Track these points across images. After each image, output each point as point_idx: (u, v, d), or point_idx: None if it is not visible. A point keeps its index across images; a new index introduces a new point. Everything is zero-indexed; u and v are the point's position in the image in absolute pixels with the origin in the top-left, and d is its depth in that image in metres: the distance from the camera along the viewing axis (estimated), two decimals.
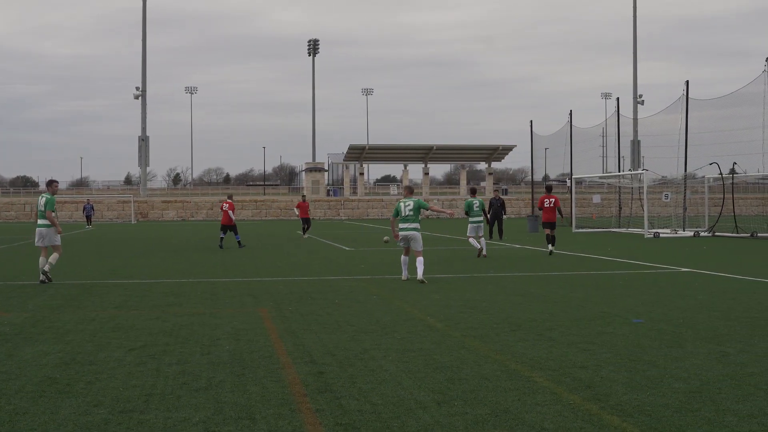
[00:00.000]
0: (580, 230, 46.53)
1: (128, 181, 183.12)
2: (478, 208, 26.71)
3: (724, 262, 24.03)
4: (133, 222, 73.36)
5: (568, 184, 55.84)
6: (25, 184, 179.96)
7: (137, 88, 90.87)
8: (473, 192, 28.54)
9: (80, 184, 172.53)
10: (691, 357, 9.72)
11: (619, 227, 48.35)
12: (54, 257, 18.77)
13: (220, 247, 31.90)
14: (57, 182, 19.97)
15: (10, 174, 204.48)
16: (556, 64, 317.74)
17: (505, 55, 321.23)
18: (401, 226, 18.54)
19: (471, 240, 26.70)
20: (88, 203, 61.64)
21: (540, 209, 28.32)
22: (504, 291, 16.42)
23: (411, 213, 18.46)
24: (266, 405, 7.55)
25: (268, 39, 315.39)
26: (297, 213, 40.55)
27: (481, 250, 25.91)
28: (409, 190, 19.67)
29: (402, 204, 18.67)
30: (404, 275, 18.61)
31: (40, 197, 19.05)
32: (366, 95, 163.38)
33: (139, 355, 9.94)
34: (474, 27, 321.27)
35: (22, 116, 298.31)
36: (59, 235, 18.99)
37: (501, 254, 27.63)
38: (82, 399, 7.82)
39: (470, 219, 26.69)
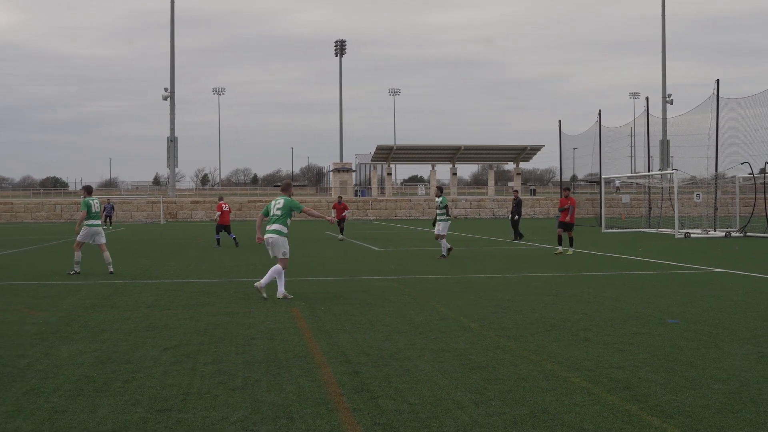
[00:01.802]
0: (610, 230, 46.30)
1: (156, 181, 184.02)
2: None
3: (757, 262, 23.82)
4: (162, 222, 73.71)
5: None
6: (54, 184, 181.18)
7: (165, 89, 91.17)
8: (441, 190, 28.05)
9: (109, 185, 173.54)
10: (729, 358, 9.63)
11: (649, 227, 48.09)
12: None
13: (218, 245, 32.93)
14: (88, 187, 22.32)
15: (40, 175, 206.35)
16: (584, 63, 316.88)
17: (532, 55, 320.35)
18: (266, 227, 16.02)
19: (445, 240, 26.23)
20: (108, 203, 61.71)
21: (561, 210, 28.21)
22: (535, 291, 16.35)
23: (278, 213, 15.85)
24: (303, 404, 7.54)
25: (295, 39, 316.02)
26: (333, 214, 39.41)
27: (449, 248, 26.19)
28: (284, 188, 16.71)
29: (273, 202, 16.20)
30: (280, 291, 15.72)
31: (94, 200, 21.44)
32: (393, 95, 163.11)
33: (174, 354, 9.97)
34: (502, 26, 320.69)
35: (51, 117, 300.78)
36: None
37: (530, 255, 27.54)
38: (119, 398, 7.85)
39: (446, 217, 26.50)
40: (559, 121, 60.49)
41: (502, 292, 16.17)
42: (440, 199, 26.35)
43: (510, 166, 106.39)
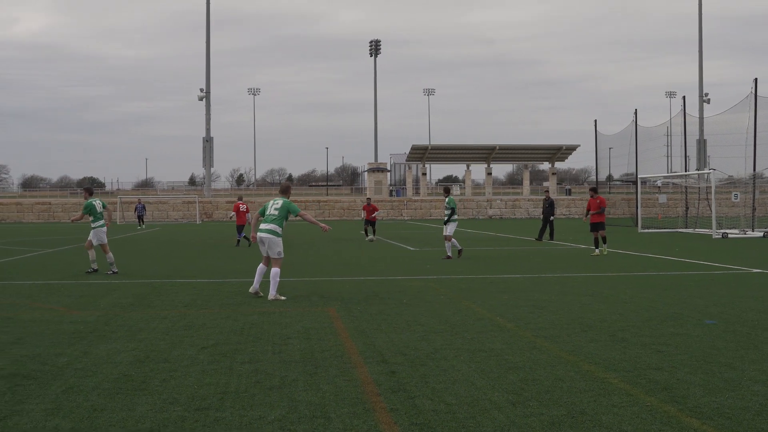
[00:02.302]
0: (646, 230, 46.00)
1: (192, 181, 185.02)
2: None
3: None
4: (197, 222, 74.10)
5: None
6: (92, 184, 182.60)
7: (201, 90, 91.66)
8: (448, 191, 27.72)
9: (145, 185, 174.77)
10: None
11: (686, 227, 47.73)
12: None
13: (238, 245, 33.66)
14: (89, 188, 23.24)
15: (77, 175, 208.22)
16: (620, 62, 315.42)
17: (568, 54, 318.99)
18: (260, 226, 16.01)
19: (449, 243, 25.87)
20: (140, 203, 61.96)
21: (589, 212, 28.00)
22: (572, 291, 16.27)
23: (275, 213, 15.88)
24: (340, 404, 7.55)
25: (330, 40, 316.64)
26: (363, 215, 39.48)
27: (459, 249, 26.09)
28: (283, 190, 16.70)
29: (270, 202, 16.26)
30: (253, 287, 16.09)
31: (96, 201, 21.88)
32: (428, 95, 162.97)
33: (211, 354, 10.02)
34: (537, 26, 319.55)
35: (87, 118, 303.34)
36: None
37: (565, 255, 27.41)
38: (157, 396, 7.90)
39: (455, 218, 26.15)
40: (595, 120, 60.63)
41: (538, 293, 16.10)
42: (447, 200, 26.13)
43: (545, 165, 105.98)
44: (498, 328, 11.77)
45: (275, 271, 15.60)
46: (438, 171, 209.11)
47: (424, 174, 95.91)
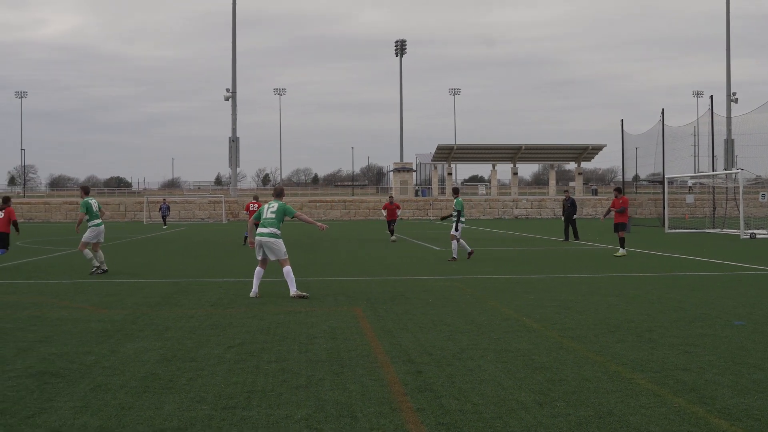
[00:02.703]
0: (673, 231, 45.77)
1: (218, 181, 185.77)
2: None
3: None
4: (224, 222, 74.35)
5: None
6: (118, 184, 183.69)
7: (227, 90, 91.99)
8: (456, 192, 27.05)
9: (172, 185, 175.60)
10: None
11: (714, 228, 47.44)
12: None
13: (245, 243, 33.08)
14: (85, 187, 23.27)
15: (104, 175, 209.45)
16: (646, 61, 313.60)
17: (594, 53, 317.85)
18: (258, 230, 16.01)
19: (456, 243, 25.19)
20: (164, 203, 61.99)
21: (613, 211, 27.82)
22: (598, 291, 16.21)
23: (272, 216, 15.89)
24: (367, 403, 7.55)
25: (355, 40, 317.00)
26: (384, 214, 38.77)
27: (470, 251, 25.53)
28: (278, 193, 16.68)
29: (266, 206, 16.21)
30: (253, 291, 15.92)
31: (93, 200, 21.93)
32: (453, 95, 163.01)
33: (238, 353, 10.04)
34: (562, 25, 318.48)
35: (114, 118, 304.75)
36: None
37: (591, 255, 27.31)
38: (185, 395, 7.93)
39: (462, 219, 25.42)
40: (621, 120, 59.97)
41: (565, 293, 16.05)
42: (455, 201, 25.73)
43: (571, 165, 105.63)
44: (524, 328, 11.74)
45: (287, 269, 15.76)
46: (464, 171, 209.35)
47: (450, 174, 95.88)
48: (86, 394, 7.96)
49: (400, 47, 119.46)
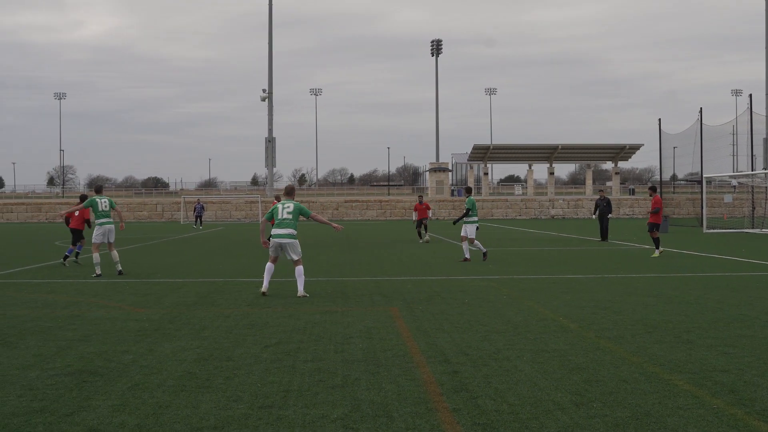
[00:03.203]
0: (712, 231, 45.37)
1: (255, 181, 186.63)
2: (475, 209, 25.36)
3: None
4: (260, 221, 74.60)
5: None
6: (156, 185, 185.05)
7: (264, 91, 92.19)
8: (470, 191, 27.12)
9: (209, 185, 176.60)
10: None
11: (753, 228, 46.98)
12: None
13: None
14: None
15: (141, 175, 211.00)
16: (685, 60, 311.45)
17: (631, 52, 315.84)
18: (275, 231, 16.02)
19: (471, 243, 24.87)
20: (198, 203, 61.86)
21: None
22: (635, 292, 16.10)
23: (289, 217, 15.98)
24: (403, 403, 7.55)
25: (390, 39, 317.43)
26: (414, 216, 36.96)
27: (484, 251, 25.03)
28: (288, 192, 16.77)
29: (280, 206, 16.14)
30: (264, 286, 16.17)
31: (102, 199, 21.59)
32: (489, 95, 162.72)
33: (274, 352, 10.08)
34: (599, 23, 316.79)
35: (151, 119, 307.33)
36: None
37: (628, 255, 27.14)
38: (221, 394, 7.96)
39: (472, 219, 25.07)
40: (659, 119, 59.46)
41: (601, 293, 15.96)
42: (467, 200, 25.48)
43: (608, 165, 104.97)
44: (561, 329, 11.69)
45: (299, 269, 16.06)
46: (500, 171, 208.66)
47: (486, 174, 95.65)
48: (124, 393, 8.02)
49: (436, 47, 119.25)
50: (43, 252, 30.90)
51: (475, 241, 25.03)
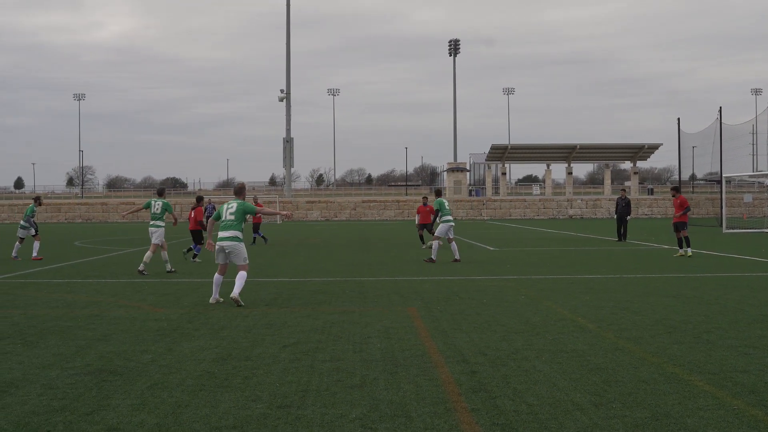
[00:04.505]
0: (731, 231, 45.15)
1: (272, 181, 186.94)
2: (449, 207, 25.05)
3: None
4: (278, 222, 74.70)
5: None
6: (174, 185, 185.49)
7: (281, 91, 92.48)
8: (439, 193, 26.45)
9: (227, 185, 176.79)
10: None
11: None
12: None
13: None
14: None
15: (160, 175, 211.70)
16: (703, 59, 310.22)
17: (650, 51, 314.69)
18: (219, 234, 14.78)
19: (437, 243, 24.48)
20: (209, 203, 61.28)
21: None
22: (655, 292, 16.04)
23: (232, 218, 14.78)
24: (421, 403, 7.54)
25: (408, 39, 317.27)
26: (417, 219, 33.49)
27: (456, 258, 24.50)
28: (237, 192, 15.47)
29: (225, 206, 15.00)
30: (213, 297, 14.91)
31: (156, 201, 22.40)
32: (507, 95, 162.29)
33: (293, 352, 10.09)
34: (617, 22, 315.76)
35: (169, 119, 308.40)
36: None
37: (647, 255, 27.04)
38: (240, 393, 7.98)
39: (443, 219, 24.80)
40: (678, 118, 59.24)
41: (620, 293, 15.91)
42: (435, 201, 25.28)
43: (627, 165, 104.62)
44: (580, 329, 11.66)
45: (242, 273, 14.57)
46: (518, 170, 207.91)
47: (504, 174, 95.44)
48: (143, 392, 8.05)
49: (454, 47, 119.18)
50: (62, 252, 31.06)
51: (453, 244, 24.86)
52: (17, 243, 27.59)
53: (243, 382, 8.49)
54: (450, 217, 24.85)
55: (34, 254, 26.61)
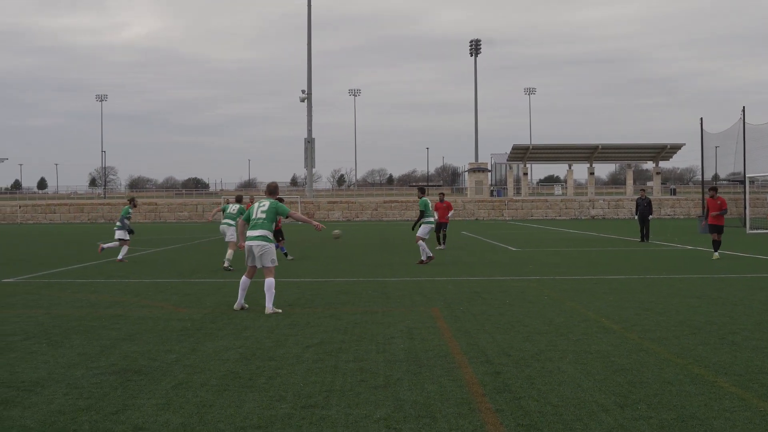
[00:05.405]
0: (755, 231, 44.87)
1: (294, 182, 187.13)
2: (432, 209, 24.96)
3: None
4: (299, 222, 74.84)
5: None
6: (196, 185, 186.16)
7: (303, 91, 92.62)
8: (423, 191, 26.44)
9: (248, 186, 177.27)
10: None
11: None
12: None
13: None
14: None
15: (182, 176, 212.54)
16: (725, 58, 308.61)
17: (672, 51, 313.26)
18: (248, 233, 14.13)
19: (423, 244, 24.11)
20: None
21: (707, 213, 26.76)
22: (679, 293, 15.96)
23: (263, 216, 14.05)
24: (445, 404, 7.53)
25: (429, 40, 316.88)
26: (435, 216, 30.91)
27: (429, 256, 24.27)
28: (271, 191, 14.82)
29: (256, 205, 14.33)
30: (238, 303, 14.25)
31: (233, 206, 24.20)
32: (528, 95, 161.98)
33: (316, 352, 10.10)
34: (639, 22, 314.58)
35: (192, 120, 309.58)
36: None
37: (670, 256, 26.91)
38: (264, 393, 7.99)
39: (426, 220, 24.61)
40: (701, 118, 58.92)
41: (644, 293, 15.84)
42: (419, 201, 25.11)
43: (649, 165, 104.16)
44: (603, 330, 11.62)
45: (270, 281, 13.85)
46: (539, 171, 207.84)
47: (526, 174, 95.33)
48: (168, 392, 8.08)
49: (475, 47, 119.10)
50: (86, 252, 31.20)
51: (423, 243, 24.31)
52: (114, 244, 27.12)
53: (267, 382, 8.50)
54: (432, 219, 24.75)
55: (120, 257, 26.23)
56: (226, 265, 22.09)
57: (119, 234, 26.61)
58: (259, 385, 8.37)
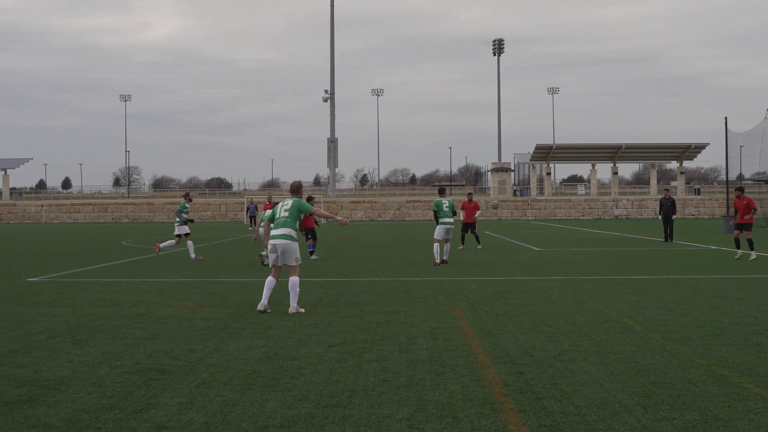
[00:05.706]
0: None
1: (317, 182, 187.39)
2: (448, 209, 24.34)
3: None
4: (323, 222, 74.93)
5: None
6: (219, 185, 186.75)
7: (326, 91, 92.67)
8: (441, 192, 26.06)
9: (271, 185, 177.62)
10: None
11: None
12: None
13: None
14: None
15: (205, 176, 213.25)
16: (751, 57, 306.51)
17: (696, 49, 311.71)
18: (272, 232, 14.09)
19: (436, 246, 23.77)
20: (252, 203, 60.09)
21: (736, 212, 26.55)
22: (703, 293, 15.88)
23: (286, 215, 14.08)
24: (468, 404, 7.53)
25: (452, 39, 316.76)
26: (462, 216, 32.32)
27: (443, 259, 23.96)
28: (294, 190, 14.80)
29: (280, 204, 14.39)
30: (262, 304, 14.04)
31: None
32: (552, 94, 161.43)
33: (339, 352, 10.12)
34: (663, 21, 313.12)
35: (215, 119, 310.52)
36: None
37: (694, 256, 26.77)
38: (287, 393, 8.02)
39: (440, 220, 24.35)
40: (725, 117, 58.60)
41: (667, 294, 15.78)
42: (446, 201, 24.72)
43: (673, 165, 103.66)
44: (627, 330, 11.58)
45: (294, 280, 13.89)
46: (562, 170, 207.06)
47: (549, 173, 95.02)
48: (191, 391, 8.11)
49: (498, 46, 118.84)
50: (110, 252, 31.37)
51: (446, 245, 24.24)
52: (171, 243, 27.45)
53: (290, 381, 8.53)
54: (449, 219, 24.25)
55: (193, 255, 26.45)
56: (263, 253, 21.72)
57: (179, 230, 26.88)
58: (282, 384, 8.40)
